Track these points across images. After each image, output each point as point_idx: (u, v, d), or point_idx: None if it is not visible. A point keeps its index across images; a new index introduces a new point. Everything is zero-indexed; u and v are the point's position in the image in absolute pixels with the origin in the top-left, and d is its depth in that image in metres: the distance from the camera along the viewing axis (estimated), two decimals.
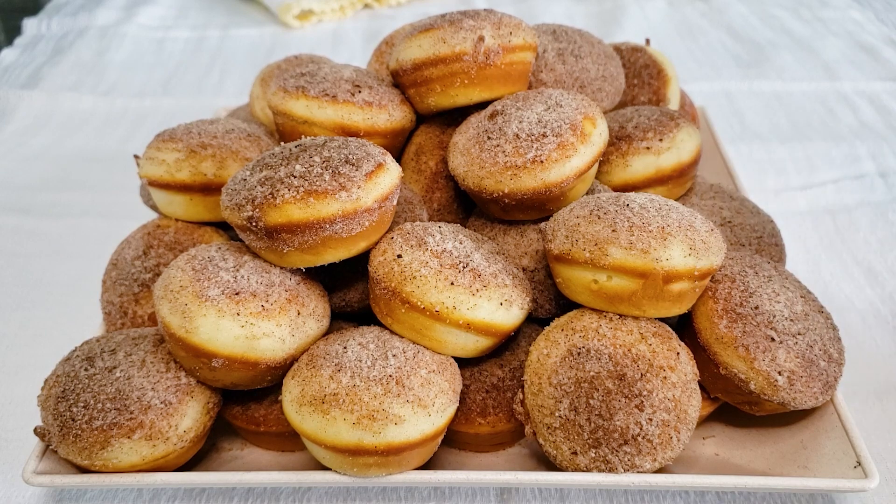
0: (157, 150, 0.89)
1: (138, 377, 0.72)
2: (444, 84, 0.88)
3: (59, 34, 2.07)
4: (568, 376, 0.71)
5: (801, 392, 0.72)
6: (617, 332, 0.72)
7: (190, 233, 0.91)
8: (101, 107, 1.71)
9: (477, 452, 0.82)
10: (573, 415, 0.70)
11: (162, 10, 2.23)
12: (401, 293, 0.71)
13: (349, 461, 0.68)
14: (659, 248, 0.68)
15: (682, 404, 0.70)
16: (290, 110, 0.87)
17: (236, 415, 0.80)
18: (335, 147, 0.75)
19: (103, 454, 0.70)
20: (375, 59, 1.09)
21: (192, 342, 0.70)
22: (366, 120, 0.87)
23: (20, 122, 1.64)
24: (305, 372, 0.71)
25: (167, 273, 0.74)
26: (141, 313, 0.87)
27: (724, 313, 0.74)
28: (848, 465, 0.71)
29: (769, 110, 1.58)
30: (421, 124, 0.98)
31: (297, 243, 0.71)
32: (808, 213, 1.25)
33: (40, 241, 1.25)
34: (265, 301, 0.72)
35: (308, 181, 0.70)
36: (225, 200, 0.75)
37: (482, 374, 0.79)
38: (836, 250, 1.16)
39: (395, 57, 0.92)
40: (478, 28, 0.86)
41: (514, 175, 0.79)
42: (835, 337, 0.78)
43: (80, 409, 0.70)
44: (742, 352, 0.72)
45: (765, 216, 0.95)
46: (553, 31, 1.02)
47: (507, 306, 0.73)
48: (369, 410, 0.66)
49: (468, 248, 0.75)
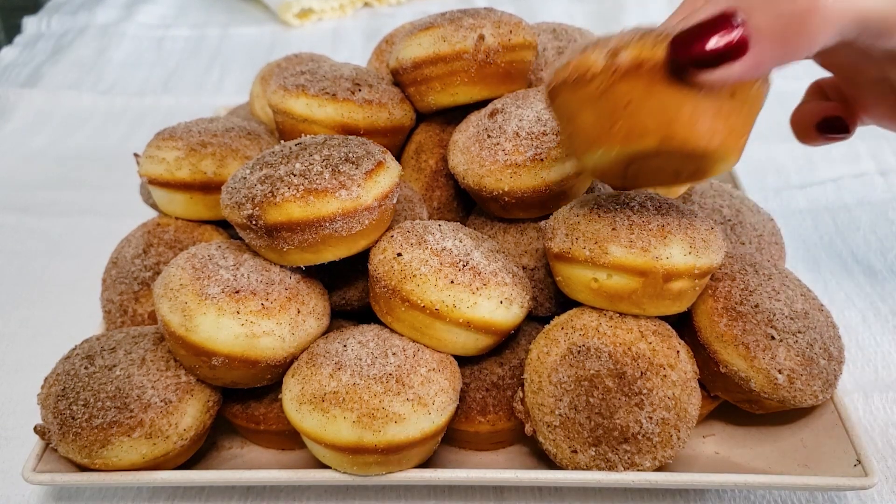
0: (157, 148, 0.89)
1: (138, 375, 0.72)
2: (445, 82, 0.88)
3: (59, 33, 2.07)
4: (568, 374, 0.71)
5: (801, 390, 0.72)
6: (617, 330, 0.72)
7: (190, 231, 0.91)
8: (101, 105, 1.71)
9: (477, 451, 0.82)
10: (573, 413, 0.70)
11: (162, 8, 2.22)
12: (401, 291, 0.71)
13: (349, 459, 0.68)
14: (659, 246, 0.68)
15: (682, 402, 0.70)
16: (290, 109, 0.87)
17: (236, 413, 0.80)
18: (335, 145, 0.75)
19: (103, 452, 0.70)
20: (375, 57, 1.09)
21: (192, 340, 0.70)
22: (366, 118, 0.87)
23: (20, 120, 1.64)
24: (305, 370, 0.71)
25: (167, 271, 0.74)
26: (141, 312, 0.87)
27: (724, 311, 0.74)
28: (848, 463, 0.71)
29: (769, 108, 1.56)
30: (421, 123, 0.98)
31: (297, 241, 0.71)
32: (808, 211, 1.25)
33: (40, 239, 1.25)
34: (265, 299, 0.72)
35: (308, 179, 0.70)
36: (225, 199, 0.75)
37: (482, 372, 0.79)
38: (836, 249, 1.16)
39: (395, 55, 0.92)
40: (478, 27, 0.86)
41: (514, 173, 0.79)
42: (835, 335, 0.78)
43: (80, 407, 0.70)
44: (742, 350, 0.72)
45: (765, 214, 0.95)
46: (553, 29, 1.02)
47: (507, 305, 0.73)
48: (369, 409, 0.66)
49: (468, 247, 0.75)
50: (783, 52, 0.53)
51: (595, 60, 0.56)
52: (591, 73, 0.56)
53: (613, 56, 0.55)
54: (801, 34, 0.52)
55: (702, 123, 0.56)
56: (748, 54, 0.52)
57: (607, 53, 0.55)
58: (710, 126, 0.56)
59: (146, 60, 1.94)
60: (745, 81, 0.56)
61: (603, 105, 0.57)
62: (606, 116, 0.57)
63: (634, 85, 0.55)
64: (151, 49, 2.00)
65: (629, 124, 0.56)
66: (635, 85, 0.55)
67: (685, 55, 0.52)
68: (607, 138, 0.58)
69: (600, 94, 0.56)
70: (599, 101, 0.57)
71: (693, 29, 0.53)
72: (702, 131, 0.56)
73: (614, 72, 0.55)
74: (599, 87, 0.56)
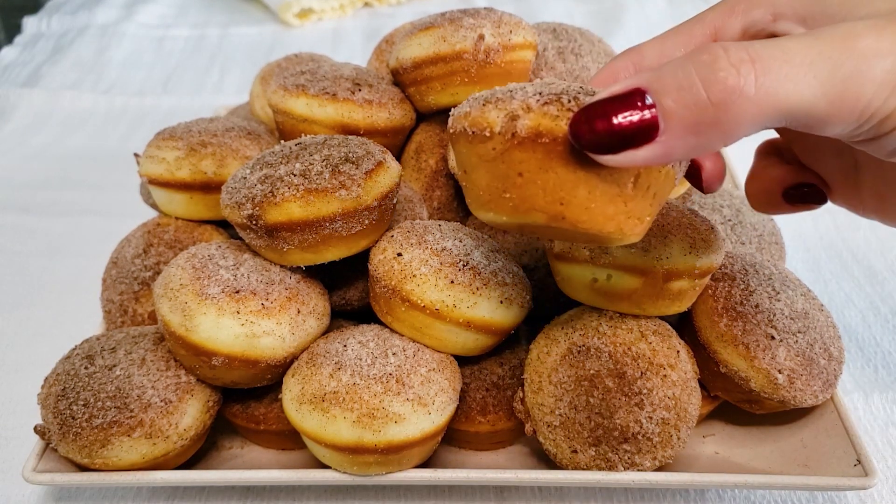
0: (157, 148, 0.89)
1: (138, 375, 0.72)
2: (445, 82, 0.88)
3: (59, 32, 2.07)
4: (568, 374, 0.71)
5: (801, 390, 0.72)
6: (617, 330, 0.72)
7: (190, 231, 0.91)
8: (101, 105, 1.71)
9: (477, 451, 0.82)
10: (573, 413, 0.70)
11: (162, 8, 2.22)
12: (401, 291, 0.71)
13: (349, 459, 0.68)
14: (659, 246, 0.68)
15: (682, 402, 0.70)
16: (290, 108, 0.87)
17: (236, 413, 0.80)
18: (335, 145, 0.75)
19: (103, 452, 0.70)
20: (375, 57, 1.09)
21: (192, 340, 0.70)
22: (366, 118, 0.87)
23: (20, 120, 1.64)
24: (305, 370, 0.71)
25: (167, 271, 0.74)
26: (141, 311, 0.87)
27: (725, 311, 0.74)
28: (848, 463, 0.71)
29: None
30: (421, 122, 0.98)
31: (297, 241, 0.71)
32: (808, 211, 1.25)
33: (40, 239, 1.25)
34: (265, 299, 0.72)
35: (308, 179, 0.70)
36: (225, 199, 0.75)
37: (482, 372, 0.79)
38: (836, 249, 1.16)
39: (396, 55, 0.92)
40: (478, 26, 0.86)
41: None
42: (835, 335, 0.78)
43: (80, 407, 0.70)
44: (742, 350, 0.72)
45: (765, 214, 0.94)
46: (553, 29, 1.02)
47: (507, 304, 0.73)
48: (369, 409, 0.66)
49: (468, 247, 0.75)
50: (696, 143, 0.46)
51: (493, 120, 0.50)
52: (490, 131, 0.50)
53: (512, 120, 0.49)
54: (716, 126, 0.45)
55: (596, 208, 0.50)
56: (656, 141, 0.46)
57: (506, 116, 0.50)
58: (605, 211, 0.51)
59: (146, 60, 1.94)
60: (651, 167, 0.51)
61: (497, 169, 0.51)
62: (499, 181, 0.52)
63: (530, 156, 0.49)
64: (151, 49, 2.00)
65: (519, 196, 0.51)
66: (531, 156, 0.49)
67: (585, 134, 0.47)
68: (496, 204, 0.53)
69: (494, 158, 0.51)
70: (494, 164, 0.51)
71: (597, 104, 0.47)
72: (595, 216, 0.50)
73: (511, 137, 0.49)
74: (495, 149, 0.51)
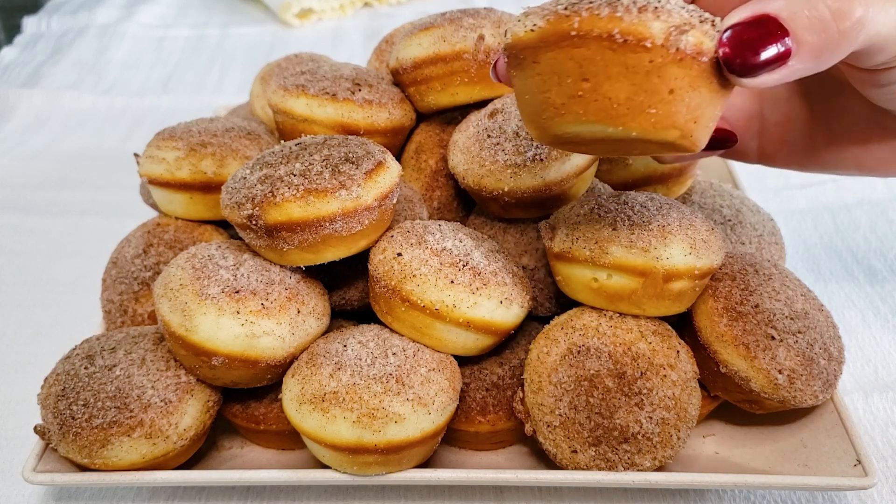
0: (156, 148, 0.89)
1: (138, 375, 0.72)
2: (445, 82, 0.88)
3: (59, 33, 2.07)
4: (568, 374, 0.71)
5: (801, 390, 0.72)
6: (617, 330, 0.72)
7: (190, 231, 0.91)
8: (101, 105, 1.71)
9: (477, 451, 0.82)
10: (573, 413, 0.70)
11: (162, 8, 2.23)
12: (400, 291, 0.71)
13: (349, 459, 0.68)
14: (659, 246, 0.68)
15: (682, 402, 0.70)
16: (290, 108, 0.87)
17: (236, 413, 0.80)
18: (335, 145, 0.75)
19: (103, 452, 0.70)
20: (375, 57, 1.09)
21: (192, 340, 0.70)
22: (366, 118, 0.87)
23: (20, 120, 1.64)
24: (305, 370, 0.71)
25: (167, 271, 0.74)
26: (141, 311, 0.87)
27: (725, 312, 0.74)
28: (848, 463, 0.71)
29: None
30: (421, 122, 0.98)
31: (297, 241, 0.71)
32: (808, 211, 1.25)
33: (40, 239, 1.25)
34: (265, 299, 0.72)
35: (308, 179, 0.70)
36: (225, 199, 0.75)
37: (482, 372, 0.79)
38: (836, 249, 1.16)
39: (395, 55, 0.92)
40: (478, 27, 0.86)
41: (514, 173, 0.79)
42: (835, 335, 0.78)
43: (79, 407, 0.70)
44: (742, 350, 0.72)
45: (765, 214, 0.95)
46: None
47: (507, 305, 0.73)
48: (369, 409, 0.66)
49: (468, 247, 0.75)
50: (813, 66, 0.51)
51: (656, 32, 0.47)
52: (652, 42, 0.47)
53: (681, 34, 0.48)
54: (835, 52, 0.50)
55: (712, 126, 0.53)
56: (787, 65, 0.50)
57: (672, 29, 0.47)
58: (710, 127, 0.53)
59: (146, 60, 1.94)
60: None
61: (647, 82, 0.49)
62: (646, 95, 0.49)
63: (686, 73, 0.48)
64: (151, 49, 2.00)
65: (665, 112, 0.49)
66: (686, 73, 0.49)
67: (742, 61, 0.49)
68: (631, 119, 0.50)
69: (648, 71, 0.48)
70: (646, 77, 0.48)
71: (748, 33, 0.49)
72: (707, 134, 0.52)
73: (676, 51, 0.48)
74: (652, 61, 0.48)
